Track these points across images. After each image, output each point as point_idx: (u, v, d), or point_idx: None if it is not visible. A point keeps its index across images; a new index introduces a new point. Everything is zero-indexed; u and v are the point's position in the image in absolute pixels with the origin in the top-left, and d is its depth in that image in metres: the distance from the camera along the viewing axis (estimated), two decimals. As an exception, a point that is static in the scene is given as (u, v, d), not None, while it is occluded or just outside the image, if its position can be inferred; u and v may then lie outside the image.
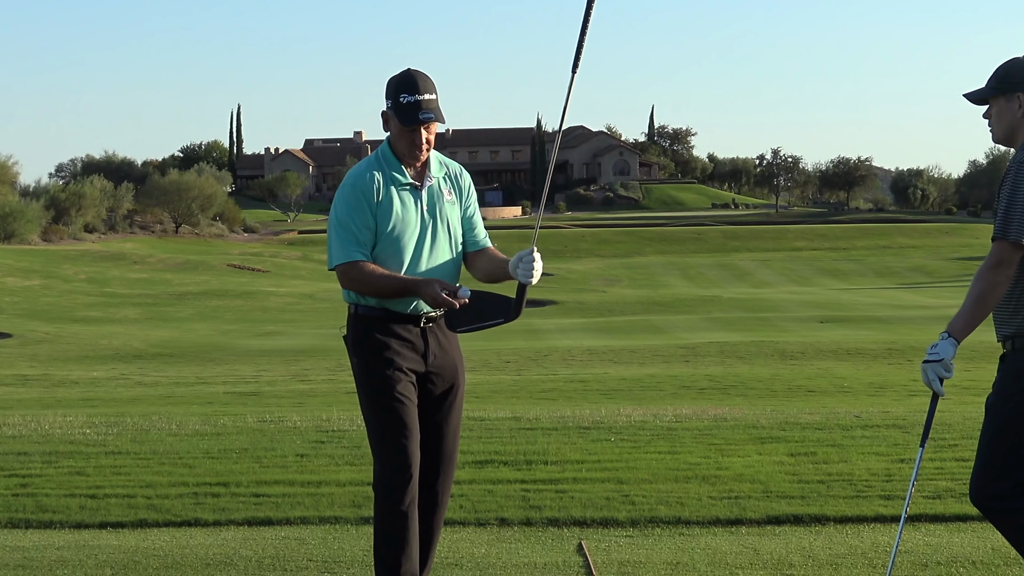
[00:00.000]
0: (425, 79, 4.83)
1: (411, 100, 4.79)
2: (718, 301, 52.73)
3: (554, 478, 8.40)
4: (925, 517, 7.13)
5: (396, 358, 4.89)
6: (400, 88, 4.81)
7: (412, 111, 4.80)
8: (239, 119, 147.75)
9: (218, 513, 7.53)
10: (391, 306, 4.91)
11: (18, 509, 7.72)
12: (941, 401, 4.82)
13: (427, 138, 4.87)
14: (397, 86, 4.81)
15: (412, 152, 4.89)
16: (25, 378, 25.47)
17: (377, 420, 4.89)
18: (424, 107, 4.79)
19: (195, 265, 75.29)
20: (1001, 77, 4.71)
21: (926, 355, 4.59)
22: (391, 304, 4.91)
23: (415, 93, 4.79)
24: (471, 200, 5.12)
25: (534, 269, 4.79)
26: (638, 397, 17.72)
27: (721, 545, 6.56)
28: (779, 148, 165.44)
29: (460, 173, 5.09)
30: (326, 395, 18.70)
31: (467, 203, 5.09)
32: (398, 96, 4.81)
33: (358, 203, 4.84)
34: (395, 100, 4.81)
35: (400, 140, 4.88)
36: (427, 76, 4.85)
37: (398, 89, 4.81)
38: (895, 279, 73.86)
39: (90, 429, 11.42)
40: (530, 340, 35.43)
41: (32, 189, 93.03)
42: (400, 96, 4.80)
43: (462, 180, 5.08)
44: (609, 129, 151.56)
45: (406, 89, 4.80)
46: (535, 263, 4.80)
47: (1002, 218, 4.53)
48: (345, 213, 4.84)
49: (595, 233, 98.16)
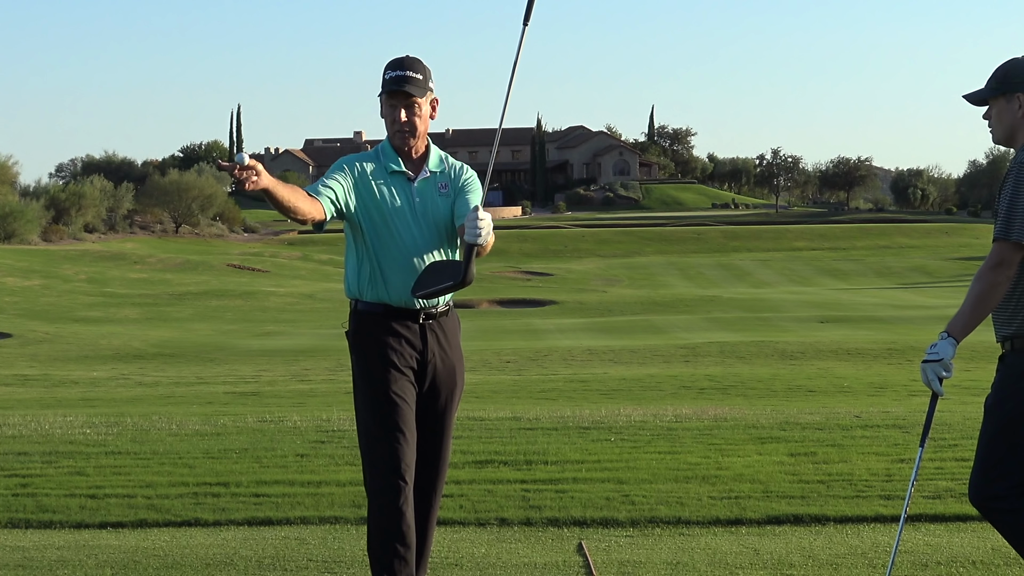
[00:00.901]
0: (414, 60, 4.97)
1: (392, 75, 4.94)
2: (718, 301, 52.73)
3: (554, 478, 8.40)
4: (925, 517, 7.13)
5: (395, 356, 4.88)
6: (388, 66, 4.98)
7: (390, 82, 4.93)
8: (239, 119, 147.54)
9: (218, 513, 7.53)
10: (391, 302, 4.91)
11: (18, 509, 7.72)
12: (941, 401, 4.82)
13: (408, 118, 4.93)
14: (386, 66, 4.99)
15: (393, 129, 4.96)
16: (25, 378, 25.48)
17: (372, 419, 4.88)
18: (402, 79, 4.91)
19: (195, 265, 75.27)
20: (1001, 78, 4.70)
21: (925, 355, 4.59)
22: (392, 300, 4.90)
23: (398, 69, 4.94)
24: (465, 191, 5.05)
25: (478, 228, 4.60)
26: (638, 397, 17.73)
27: (721, 545, 6.57)
28: (779, 148, 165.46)
29: (461, 169, 5.11)
30: (326, 395, 18.69)
31: (459, 195, 5.05)
32: (384, 73, 4.97)
33: (339, 167, 4.97)
34: (383, 79, 4.97)
35: (386, 120, 4.99)
36: (419, 60, 4.99)
37: (386, 68, 4.98)
38: (895, 279, 73.84)
39: (90, 429, 11.42)
40: (530, 340, 35.42)
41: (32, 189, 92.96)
42: (385, 74, 4.96)
43: (460, 176, 5.08)
44: (609, 129, 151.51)
45: (392, 66, 4.96)
46: (479, 221, 4.62)
47: (1003, 219, 4.53)
48: (330, 170, 4.97)
49: (595, 233, 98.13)
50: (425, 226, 4.96)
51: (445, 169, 5.07)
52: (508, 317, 49.19)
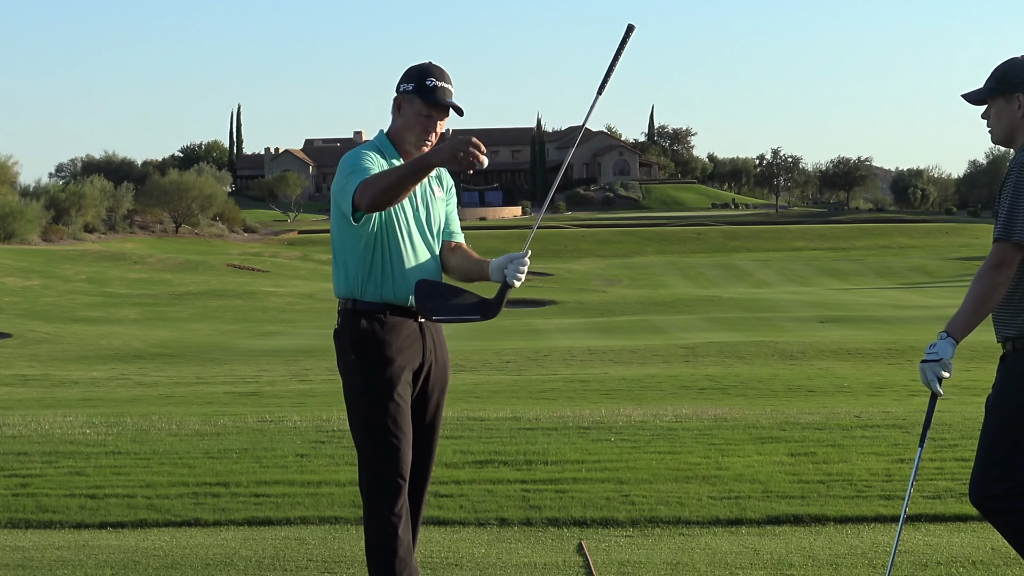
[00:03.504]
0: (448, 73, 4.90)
1: (440, 84, 4.83)
2: (718, 301, 52.72)
3: (554, 478, 8.40)
4: (925, 517, 7.13)
5: (397, 357, 4.85)
6: (427, 73, 4.84)
7: (441, 93, 4.83)
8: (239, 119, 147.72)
9: (218, 513, 7.53)
10: (394, 301, 4.87)
11: (18, 509, 7.72)
12: (941, 401, 4.82)
13: (439, 130, 4.89)
14: (423, 72, 4.85)
15: (422, 139, 4.87)
16: (25, 378, 25.47)
17: (373, 422, 4.83)
18: (450, 93, 4.85)
19: (195, 265, 75.26)
20: (1000, 77, 4.69)
21: (924, 355, 4.59)
22: (392, 298, 4.86)
23: (443, 80, 4.85)
24: (453, 196, 5.14)
25: (522, 273, 4.72)
26: (638, 397, 17.72)
27: (721, 545, 6.57)
28: (779, 148, 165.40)
29: (445, 173, 5.12)
30: (326, 395, 18.68)
31: (449, 198, 5.11)
32: (424, 79, 4.83)
33: (370, 156, 4.82)
34: (420, 83, 4.83)
35: (414, 125, 4.87)
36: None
37: (425, 74, 4.84)
38: (895, 279, 73.84)
39: (90, 429, 11.42)
40: (530, 340, 35.42)
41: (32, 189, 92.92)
42: (427, 80, 4.83)
43: (445, 178, 5.11)
44: (609, 129, 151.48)
45: (434, 75, 4.84)
46: (523, 267, 4.73)
47: (1004, 219, 4.52)
48: (353, 164, 4.78)
49: (595, 233, 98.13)
50: (427, 226, 4.95)
51: (435, 173, 5.06)
52: (508, 317, 49.15)
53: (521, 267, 4.72)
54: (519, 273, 4.71)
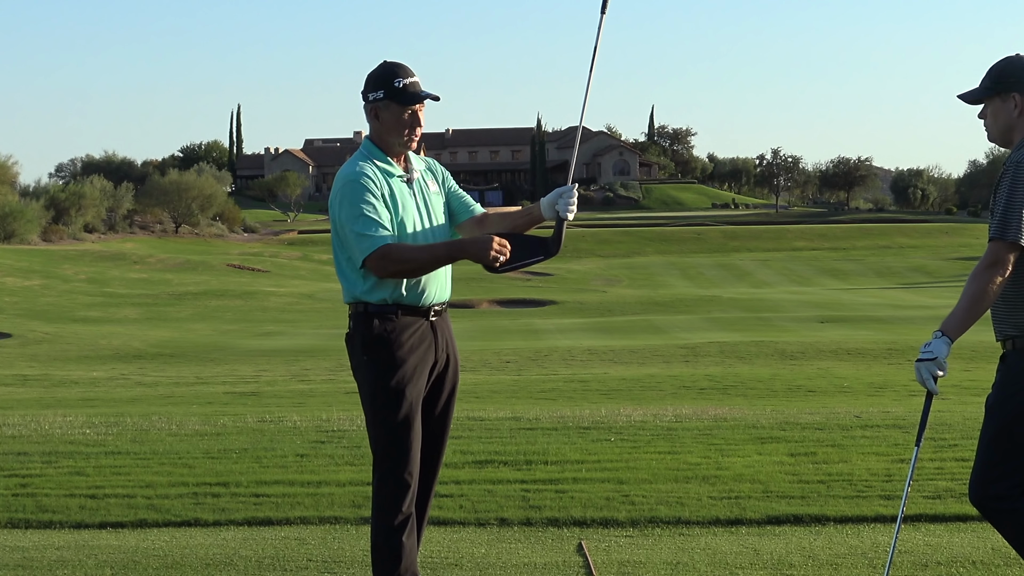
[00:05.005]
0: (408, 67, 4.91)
1: (408, 81, 4.83)
2: (718, 301, 52.73)
3: (554, 478, 8.40)
4: (925, 517, 7.13)
5: (410, 356, 4.82)
6: (391, 74, 4.84)
7: (412, 89, 4.83)
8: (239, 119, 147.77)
9: (218, 513, 7.53)
10: (405, 300, 4.83)
11: (18, 509, 7.72)
12: (942, 401, 4.84)
13: (422, 123, 4.90)
14: (386, 74, 4.84)
15: (410, 137, 4.88)
16: (25, 378, 25.48)
17: (389, 426, 4.81)
18: (420, 85, 4.86)
19: (195, 265, 75.26)
20: (996, 77, 4.69)
21: (919, 353, 4.59)
22: (405, 299, 4.83)
23: (408, 76, 4.85)
24: (451, 181, 5.14)
25: (573, 204, 4.91)
26: (638, 397, 17.73)
27: (721, 545, 6.57)
28: (779, 148, 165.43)
29: (435, 164, 5.14)
30: (326, 395, 18.69)
31: (448, 185, 5.11)
32: (392, 82, 4.82)
33: (369, 192, 4.77)
34: (390, 86, 4.82)
35: (396, 128, 4.86)
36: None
37: (390, 76, 4.83)
38: (895, 279, 73.84)
39: (90, 429, 11.42)
40: (530, 340, 35.42)
41: (32, 189, 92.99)
42: (395, 81, 4.83)
43: (438, 170, 5.12)
44: (609, 129, 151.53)
45: (399, 74, 4.84)
46: (574, 198, 4.93)
47: (999, 218, 4.52)
48: (358, 203, 4.74)
49: (595, 233, 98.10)
50: (430, 224, 4.95)
51: (425, 167, 5.07)
52: (508, 317, 49.21)
53: (571, 200, 4.92)
54: (571, 206, 4.91)
